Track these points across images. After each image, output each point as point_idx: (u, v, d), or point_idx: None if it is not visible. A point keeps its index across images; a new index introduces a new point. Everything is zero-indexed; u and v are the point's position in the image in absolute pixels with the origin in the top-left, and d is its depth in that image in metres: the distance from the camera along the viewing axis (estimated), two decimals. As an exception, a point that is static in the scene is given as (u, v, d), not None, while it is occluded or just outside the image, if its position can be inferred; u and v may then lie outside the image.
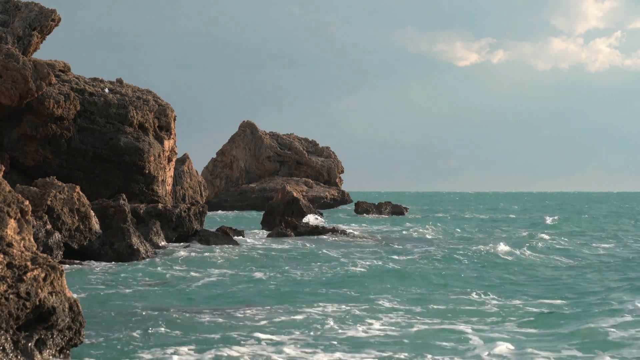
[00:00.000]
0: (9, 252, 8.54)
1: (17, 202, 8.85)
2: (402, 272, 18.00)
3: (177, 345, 9.95)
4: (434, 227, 37.01)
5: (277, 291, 15.15)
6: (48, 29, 28.75)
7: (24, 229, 8.89)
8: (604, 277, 17.91)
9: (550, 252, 24.59)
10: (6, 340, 8.09)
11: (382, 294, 14.53)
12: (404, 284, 16.21)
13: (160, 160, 29.64)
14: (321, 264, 20.03)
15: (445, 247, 26.12)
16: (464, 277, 17.52)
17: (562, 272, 19.36)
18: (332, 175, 79.08)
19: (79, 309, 8.77)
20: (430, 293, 15.02)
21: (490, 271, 19.01)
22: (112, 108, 29.07)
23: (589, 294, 15.16)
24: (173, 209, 25.53)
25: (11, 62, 25.93)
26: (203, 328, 11.20)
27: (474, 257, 22.03)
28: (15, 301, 8.22)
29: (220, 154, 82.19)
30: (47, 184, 21.03)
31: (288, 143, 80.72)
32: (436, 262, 20.63)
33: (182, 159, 50.46)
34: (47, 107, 27.12)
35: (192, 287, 15.63)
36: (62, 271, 8.70)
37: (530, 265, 20.62)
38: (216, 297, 14.47)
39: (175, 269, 18.56)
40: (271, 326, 11.32)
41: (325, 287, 15.57)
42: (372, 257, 22.04)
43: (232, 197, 74.83)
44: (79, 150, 28.08)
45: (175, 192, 46.29)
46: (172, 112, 30.83)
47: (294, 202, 37.83)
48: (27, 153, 27.50)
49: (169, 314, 12.16)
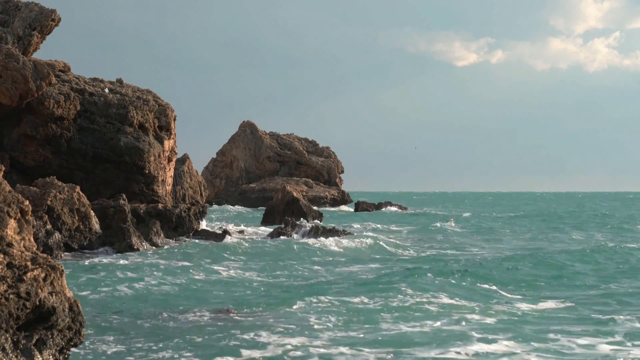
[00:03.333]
0: (9, 252, 8.54)
1: (17, 202, 8.85)
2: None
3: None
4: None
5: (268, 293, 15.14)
6: (48, 29, 28.74)
7: (24, 229, 8.89)
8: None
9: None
10: (6, 340, 8.09)
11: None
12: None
13: (160, 160, 29.63)
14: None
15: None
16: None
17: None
18: (332, 175, 79.07)
19: (79, 309, 8.77)
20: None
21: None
22: (112, 108, 29.06)
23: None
24: (173, 209, 25.52)
25: (11, 62, 25.92)
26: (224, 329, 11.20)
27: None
28: (15, 301, 8.22)
29: (220, 154, 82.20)
30: (47, 184, 21.04)
31: (288, 143, 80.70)
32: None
33: (182, 159, 50.48)
34: (47, 107, 27.11)
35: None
36: (62, 271, 8.71)
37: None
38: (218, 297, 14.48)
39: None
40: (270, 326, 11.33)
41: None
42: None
43: (232, 197, 74.83)
44: (79, 150, 28.07)
45: (175, 192, 46.30)
46: (172, 112, 30.82)
47: (294, 202, 37.83)
48: (27, 153, 27.49)
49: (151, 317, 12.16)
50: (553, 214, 55.27)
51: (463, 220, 45.41)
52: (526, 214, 56.14)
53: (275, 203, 38.80)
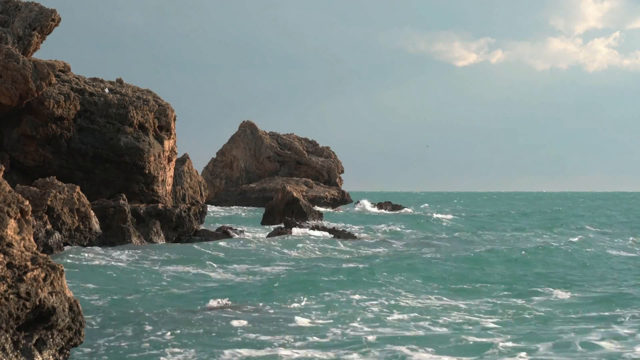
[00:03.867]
0: (9, 252, 8.54)
1: (17, 202, 8.86)
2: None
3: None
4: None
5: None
6: (48, 29, 28.76)
7: (24, 229, 8.89)
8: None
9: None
10: (6, 341, 8.09)
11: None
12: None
13: (160, 160, 29.65)
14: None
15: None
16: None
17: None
18: (332, 175, 79.09)
19: (79, 309, 8.77)
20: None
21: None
22: (112, 108, 29.07)
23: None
24: (173, 209, 25.54)
25: (11, 62, 25.94)
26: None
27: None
28: (15, 301, 8.22)
29: (220, 154, 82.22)
30: (47, 184, 21.05)
31: (288, 143, 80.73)
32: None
33: (182, 159, 50.52)
34: (47, 107, 27.12)
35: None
36: (62, 271, 8.71)
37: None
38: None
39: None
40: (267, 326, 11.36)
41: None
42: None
43: (232, 197, 74.85)
44: (79, 150, 28.08)
45: (175, 192, 46.33)
46: (172, 112, 30.83)
47: (294, 202, 37.82)
48: (27, 153, 27.50)
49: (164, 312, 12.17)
50: (506, 214, 58.33)
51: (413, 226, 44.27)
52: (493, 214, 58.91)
53: (275, 203, 38.81)
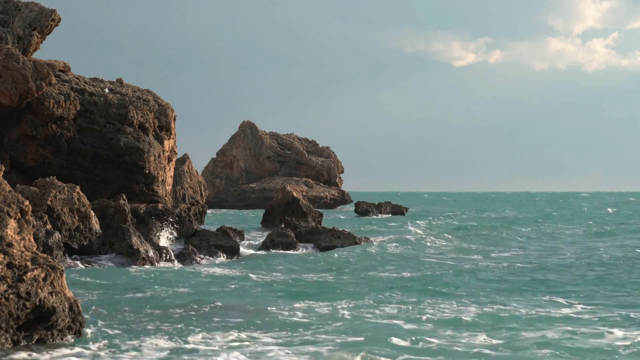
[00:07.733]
0: (9, 252, 8.54)
1: (17, 202, 8.86)
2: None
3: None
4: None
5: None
6: (48, 29, 28.74)
7: (24, 229, 8.89)
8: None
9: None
10: (6, 340, 8.09)
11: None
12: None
13: (160, 160, 29.65)
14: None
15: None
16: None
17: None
18: (332, 175, 79.10)
19: (79, 309, 8.77)
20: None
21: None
22: (112, 108, 29.06)
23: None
24: (173, 209, 25.53)
25: (11, 62, 25.93)
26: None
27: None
28: (15, 301, 8.22)
29: (220, 154, 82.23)
30: (47, 184, 21.05)
31: (288, 143, 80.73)
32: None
33: (182, 159, 50.53)
34: (47, 107, 27.12)
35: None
36: (62, 271, 8.71)
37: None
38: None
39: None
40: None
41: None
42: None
43: (232, 197, 74.86)
44: (79, 150, 28.08)
45: (175, 192, 46.35)
46: (172, 112, 30.82)
47: (294, 202, 37.80)
48: (27, 153, 27.49)
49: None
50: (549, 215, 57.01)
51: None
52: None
53: (275, 203, 38.79)
